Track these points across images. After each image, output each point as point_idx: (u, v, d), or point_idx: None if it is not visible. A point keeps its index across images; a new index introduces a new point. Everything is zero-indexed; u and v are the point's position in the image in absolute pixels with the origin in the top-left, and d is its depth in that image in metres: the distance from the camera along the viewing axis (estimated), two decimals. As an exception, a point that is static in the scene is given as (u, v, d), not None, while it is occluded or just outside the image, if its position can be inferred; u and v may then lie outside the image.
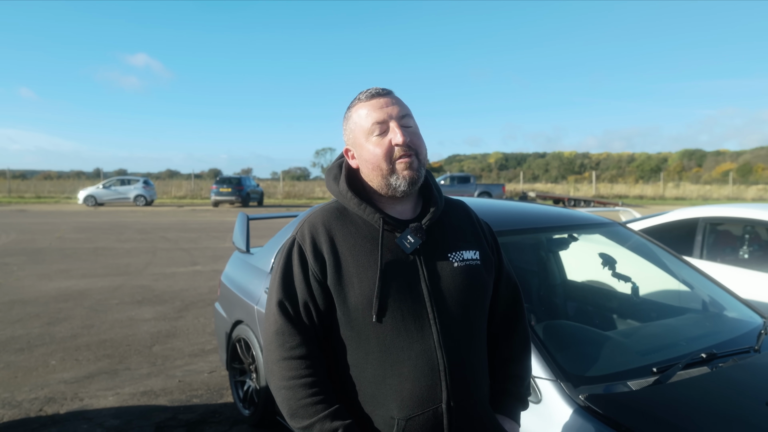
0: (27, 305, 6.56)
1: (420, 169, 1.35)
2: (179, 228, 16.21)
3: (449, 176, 31.64)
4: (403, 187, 1.33)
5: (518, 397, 1.47)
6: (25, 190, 35.82)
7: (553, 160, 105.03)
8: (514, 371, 1.48)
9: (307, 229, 1.38)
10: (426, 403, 1.28)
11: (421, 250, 1.35)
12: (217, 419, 3.58)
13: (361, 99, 1.39)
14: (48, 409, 3.72)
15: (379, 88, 1.39)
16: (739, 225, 4.75)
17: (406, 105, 1.40)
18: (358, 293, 1.29)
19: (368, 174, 1.37)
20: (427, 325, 1.30)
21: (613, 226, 2.96)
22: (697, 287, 2.80)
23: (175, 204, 30.02)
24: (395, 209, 1.39)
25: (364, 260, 1.32)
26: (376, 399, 1.30)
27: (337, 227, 1.37)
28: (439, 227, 1.40)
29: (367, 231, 1.35)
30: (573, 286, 3.27)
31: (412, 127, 1.38)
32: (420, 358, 1.28)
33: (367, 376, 1.31)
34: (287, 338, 1.31)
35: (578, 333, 2.33)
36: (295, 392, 1.28)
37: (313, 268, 1.33)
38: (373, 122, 1.34)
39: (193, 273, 8.84)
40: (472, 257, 1.40)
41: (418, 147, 1.35)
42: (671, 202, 34.37)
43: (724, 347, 2.09)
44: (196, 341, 5.25)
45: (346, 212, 1.40)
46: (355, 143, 1.39)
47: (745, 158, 79.35)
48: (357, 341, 1.31)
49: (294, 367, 1.29)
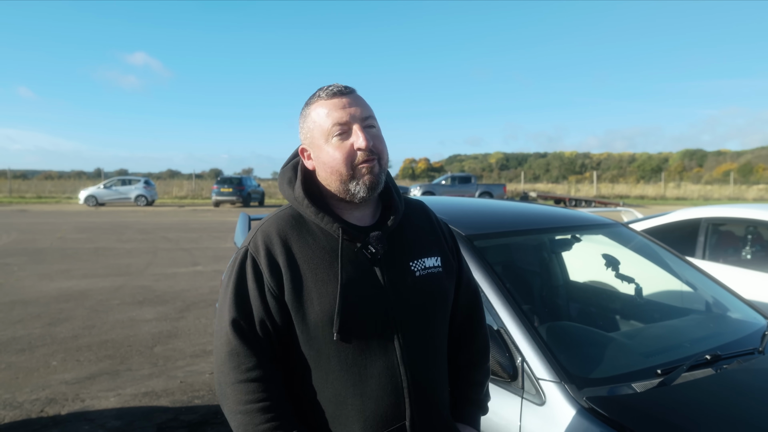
0: (28, 305, 6.56)
1: (380, 175, 1.28)
2: (180, 228, 16.21)
3: (450, 176, 31.64)
4: (362, 193, 1.26)
5: (478, 404, 1.45)
6: (26, 190, 35.84)
7: (554, 160, 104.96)
8: (475, 378, 1.45)
9: (261, 240, 1.27)
10: (390, 422, 1.23)
11: (382, 260, 1.28)
12: (218, 420, 3.57)
13: (321, 96, 1.28)
14: (49, 410, 3.72)
15: (341, 85, 1.30)
16: (742, 225, 4.74)
17: (369, 106, 1.31)
18: (318, 310, 1.21)
19: (326, 178, 1.29)
20: (390, 341, 1.24)
21: (616, 227, 2.95)
22: (701, 288, 2.79)
23: (176, 204, 30.02)
24: (353, 215, 1.32)
25: (323, 274, 1.23)
26: (338, 420, 1.24)
27: (294, 237, 1.27)
28: (399, 233, 1.33)
29: (326, 241, 1.27)
30: (575, 287, 3.26)
31: (375, 129, 1.29)
32: (383, 376, 1.23)
33: (328, 396, 1.24)
34: (242, 360, 1.21)
35: (582, 334, 2.32)
36: (252, 417, 1.19)
37: (269, 283, 1.23)
38: (334, 123, 1.25)
39: (194, 273, 8.83)
40: (433, 264, 1.34)
41: (380, 151, 1.28)
42: (672, 203, 34.34)
43: (729, 349, 2.08)
44: (198, 342, 5.25)
45: (302, 220, 1.30)
46: (313, 144, 1.29)
47: (746, 158, 79.29)
48: (317, 360, 1.23)
49: (250, 391, 1.20)
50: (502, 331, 1.92)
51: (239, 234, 4.01)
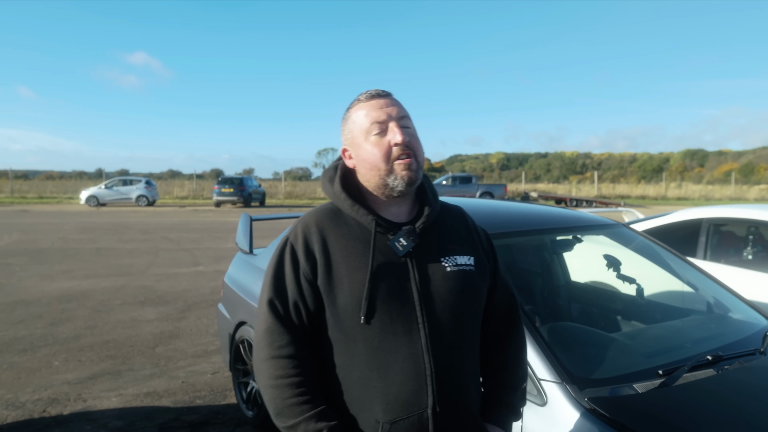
0: (30, 306, 6.57)
1: (418, 171, 1.36)
2: (181, 228, 16.22)
3: (451, 176, 31.63)
4: (400, 187, 1.33)
5: (510, 407, 1.46)
6: (28, 190, 35.86)
7: (554, 160, 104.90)
8: (508, 380, 1.47)
9: (300, 230, 1.38)
10: (411, 408, 1.27)
11: (414, 253, 1.34)
12: (220, 420, 3.58)
13: (360, 100, 1.39)
14: (51, 410, 3.72)
15: (379, 89, 1.40)
16: (743, 226, 4.74)
17: (405, 108, 1.41)
18: (348, 294, 1.29)
19: (365, 174, 1.37)
20: (416, 329, 1.29)
21: (618, 228, 2.95)
22: (702, 289, 2.79)
23: (177, 204, 30.05)
24: (390, 211, 1.39)
25: (355, 262, 1.31)
26: (361, 401, 1.30)
27: (330, 228, 1.37)
28: (433, 231, 1.40)
29: (360, 232, 1.35)
30: (577, 287, 3.26)
31: (411, 129, 1.38)
32: (407, 362, 1.28)
33: (354, 378, 1.31)
34: (276, 337, 1.31)
35: (583, 335, 2.33)
36: (281, 391, 1.28)
37: (304, 269, 1.33)
38: (372, 122, 1.34)
39: (195, 273, 8.84)
40: (465, 262, 1.39)
41: (416, 149, 1.36)
42: (673, 203, 34.32)
43: (730, 349, 2.08)
44: (199, 342, 5.25)
45: (340, 213, 1.39)
46: (354, 143, 1.39)
47: (748, 158, 79.21)
48: (344, 343, 1.31)
49: (282, 366, 1.29)
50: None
51: (241, 234, 4.02)
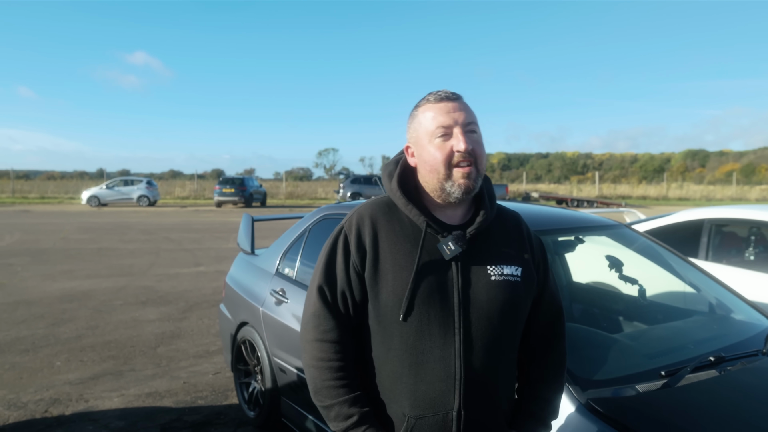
0: (31, 306, 6.58)
1: (477, 179, 1.36)
2: (182, 228, 16.24)
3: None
4: (457, 194, 1.34)
5: (541, 420, 1.44)
6: (29, 190, 35.88)
7: (555, 161, 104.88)
8: (542, 393, 1.46)
9: (354, 221, 1.41)
10: (437, 407, 1.30)
11: (461, 258, 1.35)
12: (222, 420, 3.58)
13: (429, 100, 1.39)
14: (53, 410, 3.73)
15: (449, 91, 1.39)
16: (745, 226, 4.73)
17: (473, 112, 1.40)
18: (391, 291, 1.32)
19: (425, 175, 1.39)
20: (451, 333, 1.31)
21: (620, 228, 2.95)
22: (704, 289, 2.79)
23: (178, 204, 30.06)
24: (445, 213, 1.40)
25: (402, 259, 1.34)
26: (392, 393, 1.35)
27: (383, 222, 1.39)
28: (485, 237, 1.39)
29: (411, 231, 1.37)
30: (578, 288, 3.26)
31: (477, 135, 1.37)
32: (438, 364, 1.30)
33: (387, 370, 1.35)
34: (322, 321, 1.36)
35: (585, 336, 2.33)
36: (322, 373, 1.34)
37: (354, 260, 1.37)
38: (438, 125, 1.34)
39: (196, 274, 8.85)
40: (512, 273, 1.38)
41: (478, 156, 1.35)
42: (674, 203, 34.30)
43: (732, 350, 2.08)
44: (201, 342, 5.25)
45: (395, 208, 1.41)
46: (418, 143, 1.40)
47: (749, 158, 79.16)
48: (382, 336, 1.35)
49: (325, 349, 1.35)
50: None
51: (242, 235, 4.03)
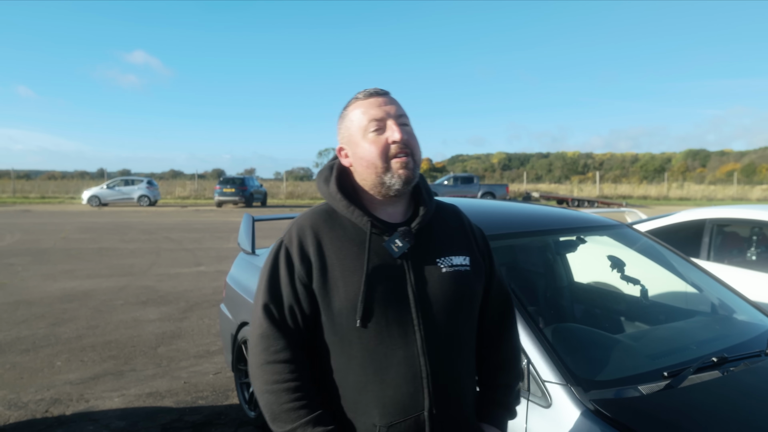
0: (32, 306, 6.58)
1: (415, 170, 1.34)
2: (183, 228, 16.23)
3: (453, 176, 31.62)
4: (397, 185, 1.32)
5: (505, 407, 1.46)
6: (30, 190, 35.89)
7: (556, 161, 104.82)
8: (503, 380, 1.46)
9: (294, 232, 1.36)
10: (408, 410, 1.27)
11: (409, 254, 1.33)
12: (222, 421, 3.58)
13: (358, 98, 1.38)
14: (54, 410, 3.72)
15: (377, 88, 1.38)
16: (747, 226, 4.72)
17: (402, 106, 1.39)
18: (343, 297, 1.27)
19: (362, 172, 1.35)
20: (411, 332, 1.28)
21: (621, 228, 2.94)
22: (706, 290, 2.78)
23: (178, 204, 30.06)
24: (386, 212, 1.37)
25: (350, 264, 1.30)
26: (358, 405, 1.29)
27: (325, 230, 1.34)
28: (428, 231, 1.38)
29: (355, 234, 1.33)
30: (580, 288, 3.25)
31: (409, 127, 1.37)
32: (402, 365, 1.27)
33: (350, 381, 1.30)
34: (272, 342, 1.29)
35: (587, 336, 2.32)
36: (278, 396, 1.26)
37: (299, 272, 1.31)
38: (371, 119, 1.33)
39: (197, 274, 8.84)
40: (461, 263, 1.38)
41: (413, 147, 1.34)
42: (675, 203, 34.27)
43: (735, 351, 2.07)
44: (201, 342, 5.25)
45: (335, 215, 1.37)
46: (351, 141, 1.37)
47: (750, 158, 79.08)
48: (340, 346, 1.30)
49: (278, 371, 1.27)
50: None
51: (243, 235, 4.02)
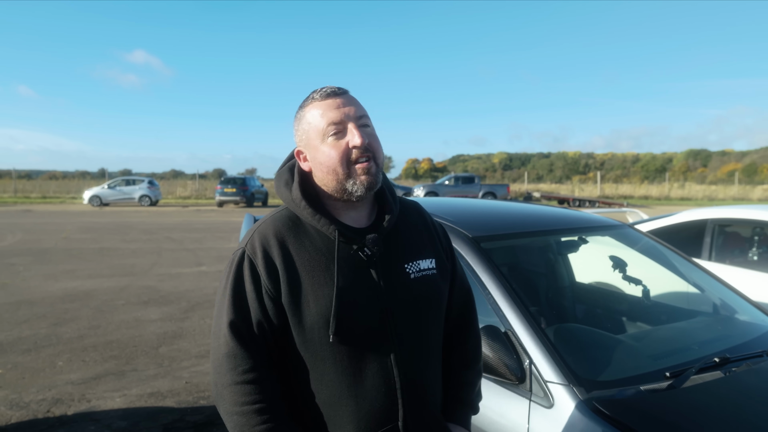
0: (33, 306, 6.58)
1: (378, 174, 1.29)
2: (184, 228, 16.24)
3: (454, 176, 31.62)
4: (359, 192, 1.26)
5: (470, 405, 1.45)
6: (31, 190, 35.94)
7: (557, 160, 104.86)
8: (467, 378, 1.45)
9: (258, 241, 1.27)
10: (383, 423, 1.25)
11: (378, 262, 1.29)
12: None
13: (315, 98, 1.30)
14: (55, 410, 3.73)
15: (334, 87, 1.31)
16: (748, 226, 4.72)
17: (362, 105, 1.33)
18: (315, 312, 1.22)
19: (322, 178, 1.29)
20: (386, 342, 1.26)
21: (623, 228, 2.94)
22: (708, 290, 2.77)
23: (179, 204, 30.07)
24: (349, 216, 1.32)
25: (319, 276, 1.24)
26: (332, 420, 1.25)
27: (290, 239, 1.28)
28: (394, 234, 1.34)
29: (322, 243, 1.28)
30: (582, 288, 3.25)
31: (370, 129, 1.31)
32: (376, 377, 1.24)
33: (323, 397, 1.25)
34: (239, 361, 1.21)
35: (589, 336, 2.32)
36: (248, 418, 1.20)
37: (267, 285, 1.24)
38: (329, 123, 1.26)
39: (198, 273, 8.85)
40: (428, 266, 1.35)
41: (375, 150, 1.28)
42: (676, 203, 34.25)
43: (737, 351, 2.07)
44: (203, 342, 5.25)
45: (299, 221, 1.31)
46: (309, 145, 1.31)
47: (751, 158, 79.01)
48: (313, 362, 1.24)
49: (246, 392, 1.20)
50: (510, 333, 1.92)
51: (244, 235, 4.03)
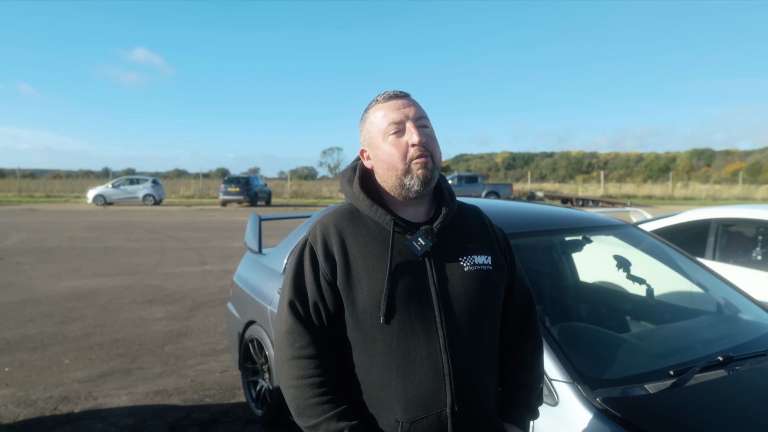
0: (39, 304, 6.62)
1: (434, 171, 1.36)
2: (188, 227, 16.28)
3: (457, 176, 31.63)
4: (417, 187, 1.34)
5: (527, 407, 1.46)
6: (35, 189, 36.08)
7: (560, 160, 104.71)
8: (524, 380, 1.47)
9: (319, 231, 1.39)
10: (430, 407, 1.28)
11: (432, 252, 1.35)
12: (229, 419, 3.60)
13: (378, 101, 1.40)
14: (62, 407, 3.75)
15: (397, 90, 1.41)
16: (752, 226, 4.72)
17: (423, 109, 1.41)
18: (367, 294, 1.30)
19: (383, 174, 1.38)
20: (434, 329, 1.30)
21: (627, 228, 2.95)
22: (712, 289, 2.79)
23: (183, 203, 30.14)
24: (408, 212, 1.40)
25: (373, 262, 1.32)
26: (380, 401, 1.31)
27: (349, 229, 1.38)
28: (451, 231, 1.41)
29: (378, 233, 1.36)
30: (585, 287, 3.26)
31: (429, 129, 1.39)
32: (425, 362, 1.29)
33: (373, 377, 1.32)
34: (297, 338, 1.32)
35: (594, 335, 2.33)
36: (303, 391, 1.29)
37: (324, 270, 1.34)
38: (390, 122, 1.35)
39: (202, 272, 8.88)
40: (483, 262, 1.39)
41: (433, 149, 1.36)
42: (680, 202, 34.17)
43: (741, 350, 2.08)
44: (208, 341, 5.28)
45: (358, 214, 1.41)
46: (371, 144, 1.40)
47: (755, 158, 78.75)
48: (364, 343, 1.32)
49: (303, 367, 1.31)
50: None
51: (250, 234, 4.04)
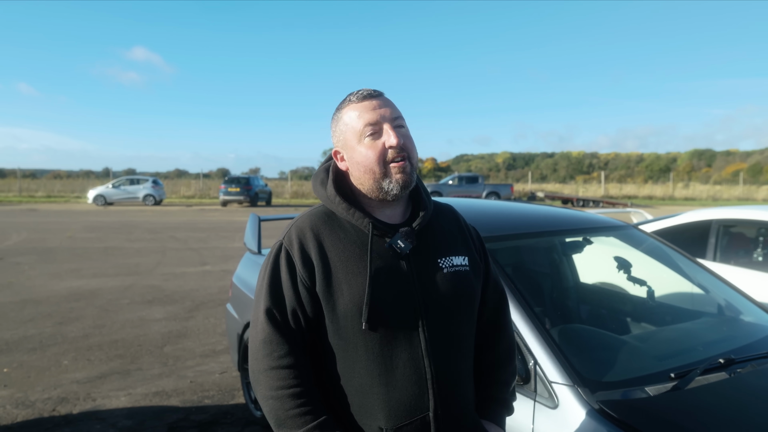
0: (39, 305, 6.61)
1: (412, 173, 1.33)
2: (188, 228, 16.27)
3: (457, 176, 31.60)
4: (395, 190, 1.31)
5: (503, 404, 1.47)
6: (36, 189, 36.06)
7: (561, 160, 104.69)
8: (500, 377, 1.47)
9: (294, 234, 1.34)
10: (413, 412, 1.27)
11: (411, 255, 1.33)
12: (229, 420, 3.59)
13: (351, 100, 1.35)
14: (61, 409, 3.74)
15: (370, 89, 1.36)
16: (753, 227, 4.71)
17: (397, 107, 1.37)
18: (348, 300, 1.27)
19: (359, 177, 1.34)
20: (416, 333, 1.28)
21: (628, 229, 2.94)
22: (713, 291, 2.77)
23: (183, 203, 30.13)
24: (384, 213, 1.37)
25: (353, 266, 1.29)
26: (363, 408, 1.29)
27: (326, 232, 1.33)
28: (428, 232, 1.39)
29: (356, 236, 1.33)
30: (586, 289, 3.25)
31: (405, 129, 1.35)
32: (407, 367, 1.27)
33: (354, 385, 1.29)
34: (275, 347, 1.28)
35: (594, 337, 2.32)
36: (282, 402, 1.25)
37: (302, 275, 1.30)
38: (366, 123, 1.31)
39: (202, 273, 8.87)
40: (461, 263, 1.38)
41: (410, 150, 1.33)
42: (681, 203, 34.13)
43: (742, 352, 2.07)
44: (207, 342, 5.27)
45: (334, 217, 1.36)
46: (346, 145, 1.36)
47: (756, 158, 78.69)
48: (345, 349, 1.29)
49: (282, 377, 1.26)
50: (514, 334, 1.92)
51: (249, 234, 4.03)
